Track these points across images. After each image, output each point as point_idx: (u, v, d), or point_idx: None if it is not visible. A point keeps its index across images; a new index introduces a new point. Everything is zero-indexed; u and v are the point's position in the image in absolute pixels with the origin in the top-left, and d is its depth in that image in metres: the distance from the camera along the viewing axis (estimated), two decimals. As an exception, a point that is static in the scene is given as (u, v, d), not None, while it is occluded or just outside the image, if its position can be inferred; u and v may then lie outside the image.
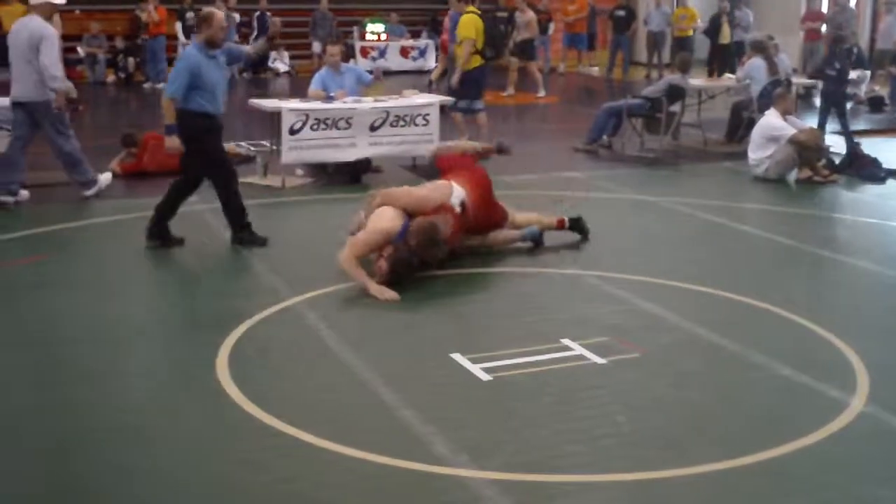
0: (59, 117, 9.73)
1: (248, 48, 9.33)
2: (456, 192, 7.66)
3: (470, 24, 12.76)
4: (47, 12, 9.74)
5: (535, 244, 8.24)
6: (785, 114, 11.49)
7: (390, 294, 6.84)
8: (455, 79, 12.93)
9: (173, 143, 8.14)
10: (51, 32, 9.59)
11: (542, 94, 19.56)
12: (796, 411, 5.27)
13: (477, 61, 12.88)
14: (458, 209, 7.57)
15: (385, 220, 7.19)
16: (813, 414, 5.16)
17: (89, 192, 10.04)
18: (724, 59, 21.12)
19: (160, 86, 20.81)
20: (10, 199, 9.59)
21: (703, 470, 4.54)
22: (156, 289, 7.33)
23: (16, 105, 9.77)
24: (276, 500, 4.31)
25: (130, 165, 11.24)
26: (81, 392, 5.40)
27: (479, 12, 13.25)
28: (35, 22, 9.61)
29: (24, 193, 9.85)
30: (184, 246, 8.18)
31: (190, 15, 21.94)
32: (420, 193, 7.63)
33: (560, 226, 8.42)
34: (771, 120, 11.51)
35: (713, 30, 21.49)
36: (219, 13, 8.19)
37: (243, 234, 8.27)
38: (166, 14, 21.27)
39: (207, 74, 8.00)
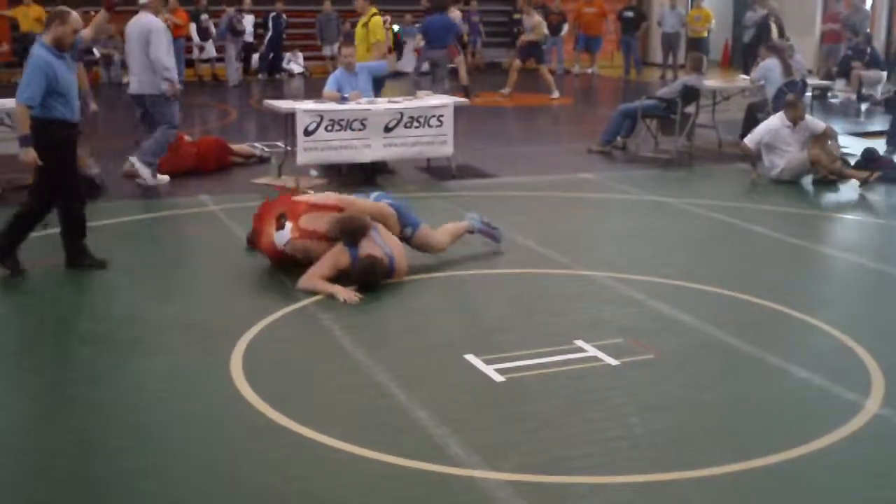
0: (167, 109, 10.57)
1: (84, 31, 7.73)
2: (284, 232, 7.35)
3: (381, 28, 12.38)
4: (156, 7, 10.75)
5: (494, 239, 8.20)
6: (794, 121, 11.40)
7: (350, 295, 6.85)
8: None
9: (28, 156, 7.19)
10: (159, 26, 10.51)
11: (555, 94, 19.54)
12: (811, 414, 5.25)
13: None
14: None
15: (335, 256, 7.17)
16: (827, 416, 5.14)
17: (142, 182, 10.60)
18: (840, 70, 20.27)
19: (180, 87, 20.92)
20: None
21: (716, 472, 4.53)
22: (169, 289, 7.34)
23: (135, 98, 10.72)
24: (290, 499, 4.32)
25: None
26: (95, 392, 5.42)
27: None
28: (144, 18, 10.50)
29: (164, 178, 10.84)
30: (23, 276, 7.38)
31: (204, 17, 22.04)
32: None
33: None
34: (772, 124, 11.50)
35: (762, 34, 20.87)
36: (73, 13, 7.26)
37: (77, 255, 7.58)
38: (188, 17, 21.35)
39: (63, 77, 7.27)
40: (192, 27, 21.95)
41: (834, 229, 9.56)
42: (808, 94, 14.53)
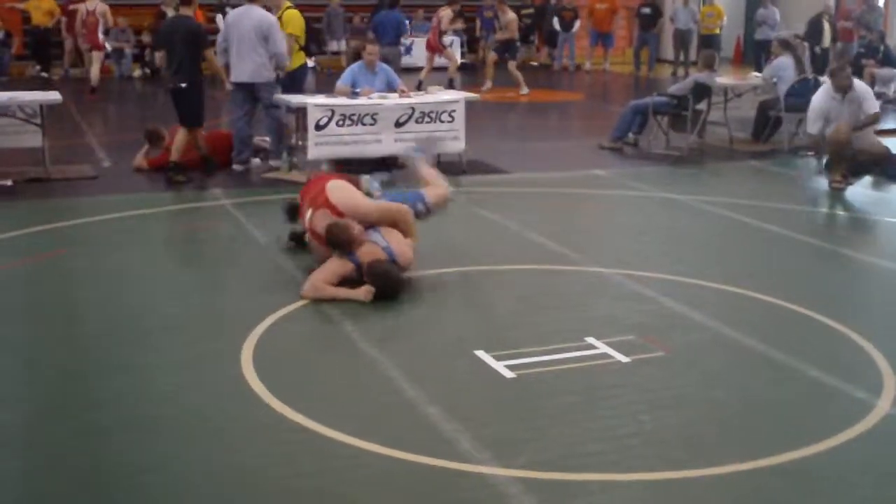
0: (274, 93, 11.23)
1: None
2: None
3: (296, 21, 11.86)
4: (265, 2, 11.32)
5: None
6: (842, 91, 11.09)
7: (356, 293, 6.72)
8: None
9: None
10: (275, 20, 11.15)
11: (524, 91, 19.46)
12: (822, 412, 5.24)
13: (301, 59, 12.11)
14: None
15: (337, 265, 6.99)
16: (839, 415, 5.13)
17: (238, 168, 11.33)
18: (822, 67, 20.00)
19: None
20: (242, 167, 11.26)
21: (727, 470, 4.52)
22: (180, 283, 7.35)
23: (238, 85, 11.16)
24: (300, 495, 4.32)
25: (156, 159, 11.28)
26: (106, 386, 5.42)
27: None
28: (258, 11, 11.03)
29: (256, 161, 11.50)
30: None
31: (229, 9, 21.99)
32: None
33: None
34: (819, 100, 11.24)
35: (814, 33, 20.60)
36: None
37: None
38: (203, 17, 21.32)
39: None
40: (219, 18, 21.92)
41: (846, 228, 9.53)
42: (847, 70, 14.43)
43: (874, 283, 7.74)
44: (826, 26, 20.56)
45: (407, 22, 19.13)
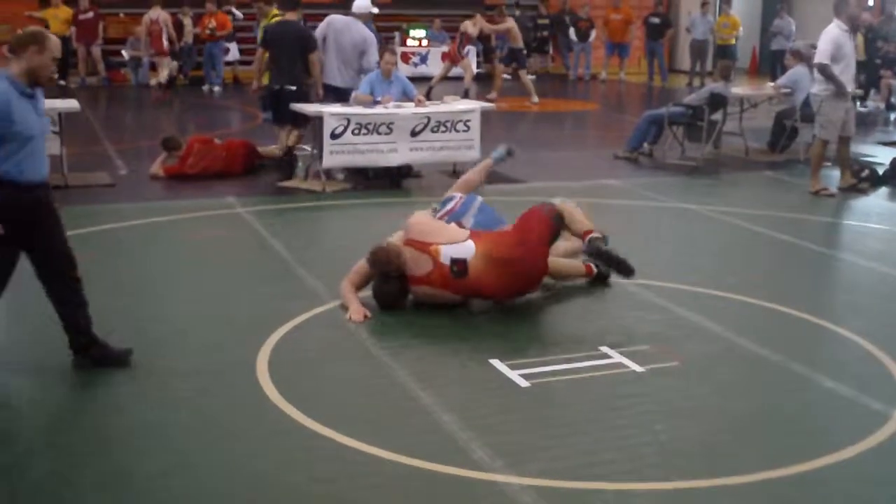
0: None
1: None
2: (457, 247, 6.59)
3: None
4: (368, 18, 11.94)
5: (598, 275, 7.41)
6: (853, 26, 11.05)
7: (359, 316, 6.58)
8: (255, 85, 12.15)
9: None
10: (372, 37, 11.85)
11: (535, 100, 19.52)
12: (837, 423, 5.23)
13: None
14: (447, 265, 6.55)
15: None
16: (854, 426, 5.12)
17: None
18: (869, 80, 19.61)
19: (217, 88, 21.13)
20: None
21: (741, 480, 4.52)
22: (196, 290, 7.37)
23: (330, 88, 11.68)
24: (314, 500, 4.34)
25: (173, 168, 11.33)
26: (124, 391, 5.45)
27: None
28: (358, 27, 11.72)
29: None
30: None
31: (239, 14, 22.11)
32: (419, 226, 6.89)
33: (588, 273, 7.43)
34: (830, 33, 11.03)
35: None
36: (53, 38, 5.50)
37: None
38: (229, 21, 21.47)
39: (23, 120, 5.32)
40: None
41: (861, 238, 9.50)
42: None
43: (889, 294, 7.71)
44: (860, 40, 20.53)
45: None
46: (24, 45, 5.38)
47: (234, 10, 22.24)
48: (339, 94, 11.62)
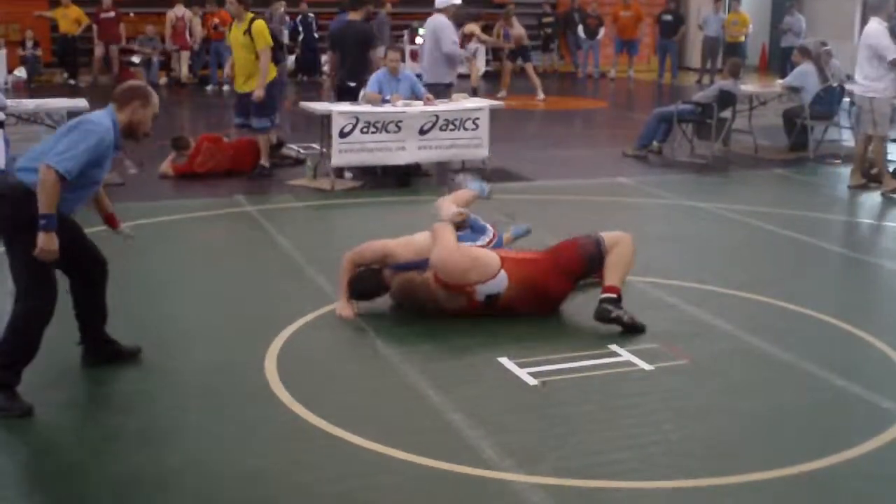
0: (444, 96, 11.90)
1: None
2: (492, 284, 6.49)
3: (266, 32, 11.33)
4: (451, 11, 12.19)
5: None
6: (890, 19, 10.88)
7: (346, 312, 6.60)
8: (261, 93, 11.27)
9: (50, 244, 5.06)
10: (447, 24, 12.06)
11: (540, 97, 19.60)
12: (846, 422, 5.22)
13: (273, 72, 11.64)
14: (481, 301, 6.52)
15: (397, 244, 6.81)
16: (863, 425, 5.11)
17: None
18: None
19: (226, 88, 21.14)
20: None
21: (750, 479, 4.51)
22: (205, 289, 7.38)
23: (428, 86, 11.84)
24: (323, 500, 4.34)
25: (182, 167, 11.36)
26: (132, 390, 5.47)
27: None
28: (437, 19, 12.12)
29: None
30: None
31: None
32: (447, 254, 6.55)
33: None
34: (871, 28, 10.79)
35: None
36: (155, 95, 5.63)
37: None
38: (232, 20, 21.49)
39: (104, 168, 5.45)
40: None
41: (872, 236, 9.48)
42: (847, 99, 14.38)
43: (900, 292, 7.70)
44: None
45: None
46: (129, 99, 5.42)
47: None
48: (434, 91, 11.84)
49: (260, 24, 11.25)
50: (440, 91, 11.87)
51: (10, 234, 5.24)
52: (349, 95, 11.81)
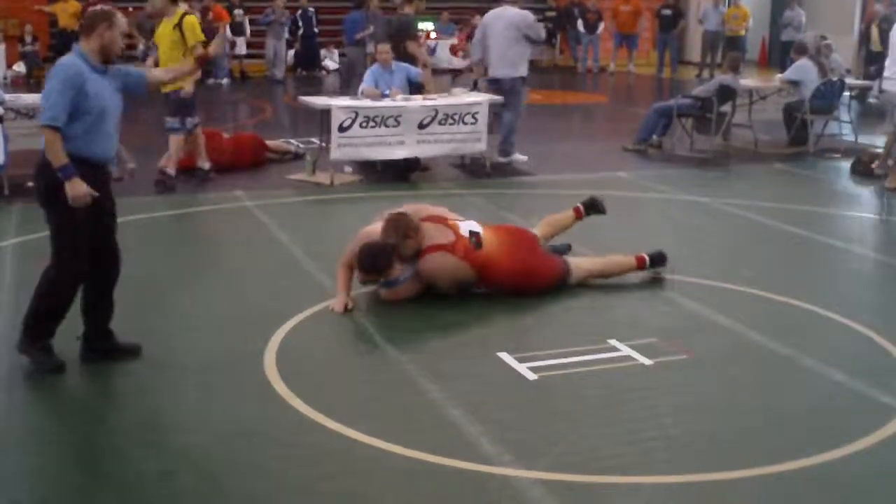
0: (519, 93, 12.07)
1: (156, 71, 6.43)
2: (470, 224, 6.95)
3: (198, 28, 10.48)
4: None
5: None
6: None
7: (339, 306, 6.61)
8: (190, 89, 10.59)
9: (78, 189, 5.30)
10: (528, 14, 12.31)
11: None
12: (846, 417, 5.21)
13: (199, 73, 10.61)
14: (466, 237, 6.78)
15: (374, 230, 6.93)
16: (863, 420, 5.10)
17: (503, 159, 12.02)
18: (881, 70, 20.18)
19: (225, 80, 21.21)
20: (506, 159, 12.00)
21: (750, 474, 4.51)
22: (204, 284, 7.37)
23: (492, 81, 12.11)
24: (323, 495, 4.34)
25: (182, 162, 11.31)
26: (129, 385, 5.46)
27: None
28: (510, 11, 12.08)
29: (519, 157, 12.14)
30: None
31: (239, 12, 22.15)
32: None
33: (640, 265, 7.37)
34: None
35: (865, 38, 20.77)
36: (119, 14, 5.65)
37: (33, 349, 5.60)
38: (227, 14, 21.53)
39: (96, 96, 5.42)
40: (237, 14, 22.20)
41: (873, 231, 9.47)
42: (847, 94, 14.39)
43: (900, 287, 7.69)
44: (875, 31, 20.53)
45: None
46: (94, 23, 5.52)
47: (235, 12, 22.30)
48: (499, 85, 12.03)
49: (191, 20, 10.51)
50: (517, 85, 12.04)
51: (43, 202, 5.52)
52: None
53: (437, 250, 6.71)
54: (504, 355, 5.83)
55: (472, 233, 6.86)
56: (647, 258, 7.36)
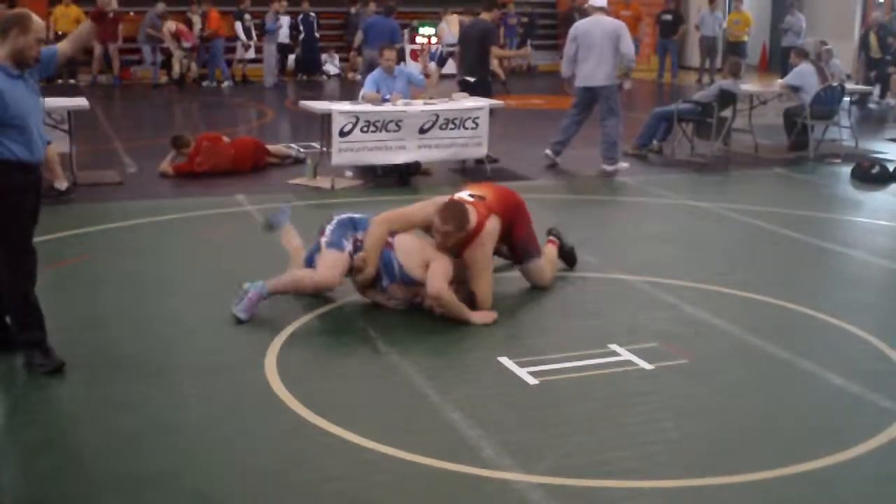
0: (615, 99, 12.07)
1: (61, 45, 5.95)
2: (462, 195, 7.10)
3: None
4: (607, 10, 12.31)
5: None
6: None
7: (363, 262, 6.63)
8: None
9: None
10: (623, 25, 12.21)
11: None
12: (846, 421, 5.21)
13: None
14: (472, 201, 6.93)
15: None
16: (863, 424, 5.10)
17: (609, 168, 12.01)
18: (881, 76, 20.44)
19: (225, 83, 21.29)
20: (612, 167, 12.03)
21: (750, 478, 4.51)
22: (204, 289, 7.37)
23: (588, 90, 12.09)
24: (322, 498, 4.34)
25: (182, 166, 11.34)
26: (131, 390, 5.45)
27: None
28: (606, 20, 12.08)
29: (624, 165, 12.16)
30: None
31: (247, 17, 22.20)
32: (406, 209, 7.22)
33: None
34: None
35: (864, 44, 21.01)
36: (36, 18, 5.47)
37: (31, 352, 5.68)
38: (220, 19, 21.62)
39: (16, 103, 5.35)
40: (238, 27, 22.20)
41: (871, 235, 9.47)
42: (847, 99, 14.40)
43: (900, 292, 7.70)
44: (873, 37, 20.57)
45: (398, 30, 18.53)
46: (7, 28, 5.36)
47: (245, 17, 22.32)
48: (594, 94, 12.12)
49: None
50: (615, 92, 12.12)
51: None
52: (467, 89, 12.34)
53: (483, 219, 6.74)
54: (504, 360, 5.84)
55: (471, 195, 7.03)
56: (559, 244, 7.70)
